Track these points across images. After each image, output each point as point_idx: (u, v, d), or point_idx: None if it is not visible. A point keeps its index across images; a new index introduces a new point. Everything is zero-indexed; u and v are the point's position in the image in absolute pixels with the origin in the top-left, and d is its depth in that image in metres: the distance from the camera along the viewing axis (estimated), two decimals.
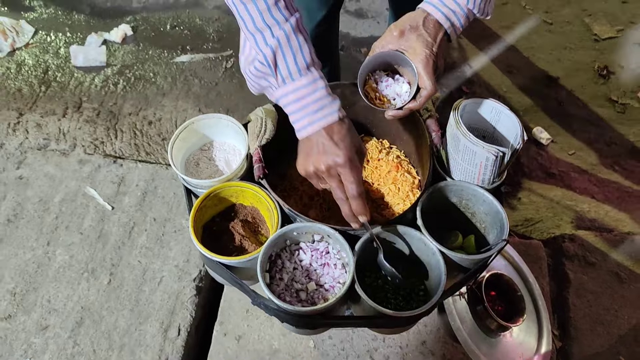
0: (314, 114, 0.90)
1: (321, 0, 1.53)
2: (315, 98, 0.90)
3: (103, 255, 1.62)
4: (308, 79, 0.89)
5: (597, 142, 2.19)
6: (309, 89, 0.90)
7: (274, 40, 0.87)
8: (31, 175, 1.80)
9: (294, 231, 1.07)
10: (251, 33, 0.90)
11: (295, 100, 0.91)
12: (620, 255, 1.65)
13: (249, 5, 0.87)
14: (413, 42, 1.00)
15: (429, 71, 1.00)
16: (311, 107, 0.90)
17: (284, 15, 0.88)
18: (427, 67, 1.00)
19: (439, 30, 1.01)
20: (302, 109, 0.91)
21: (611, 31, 2.66)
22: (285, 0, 0.89)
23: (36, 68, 2.30)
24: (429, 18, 1.00)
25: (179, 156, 1.19)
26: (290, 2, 0.90)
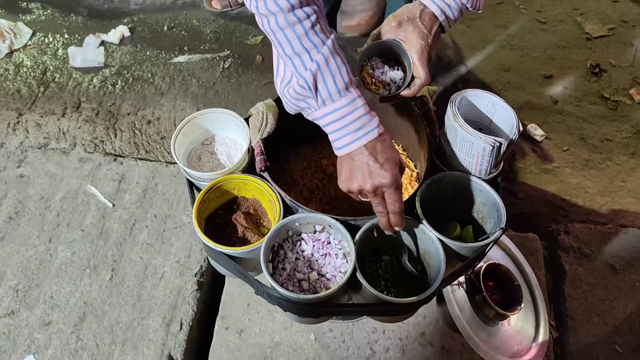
0: (355, 132, 0.92)
1: None
2: (354, 117, 0.92)
3: (105, 251, 1.63)
4: (347, 99, 0.91)
5: (590, 139, 2.22)
6: (348, 109, 0.92)
7: (314, 64, 0.89)
8: (32, 174, 1.81)
9: (296, 222, 1.09)
10: (289, 57, 0.91)
11: (335, 120, 0.93)
12: (614, 247, 1.68)
13: (286, 31, 0.89)
14: (410, 33, 1.04)
15: (423, 61, 1.04)
16: (351, 126, 0.92)
17: (321, 38, 0.90)
18: (422, 57, 1.04)
19: (434, 23, 1.06)
20: (343, 128, 0.93)
21: (603, 30, 2.70)
22: (321, 23, 0.91)
23: (34, 69, 2.31)
24: (425, 11, 1.05)
25: (181, 150, 1.21)
26: (325, 24, 0.92)
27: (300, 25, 0.88)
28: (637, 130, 2.26)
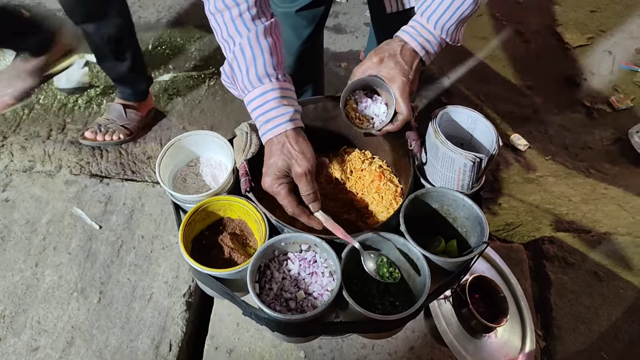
0: (266, 123, 0.97)
1: (307, 17, 1.58)
2: (266, 109, 0.96)
3: (92, 274, 1.63)
4: (260, 90, 0.95)
5: (572, 147, 2.26)
6: (260, 100, 0.96)
7: (231, 54, 0.94)
8: (17, 198, 1.81)
9: (282, 242, 1.10)
10: (220, 43, 0.97)
11: (254, 110, 0.97)
12: (598, 255, 1.71)
13: (216, 17, 0.94)
14: (391, 69, 1.06)
15: (405, 97, 1.06)
16: (264, 117, 0.97)
17: (247, 26, 0.93)
18: (404, 93, 1.06)
19: (415, 58, 1.08)
20: (259, 117, 0.98)
21: (581, 39, 2.76)
22: (253, 11, 0.93)
23: None
24: (405, 47, 1.07)
25: (166, 173, 1.21)
26: (262, 10, 0.95)
27: (229, 12, 0.92)
28: (617, 137, 2.30)
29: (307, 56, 1.69)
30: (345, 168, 1.38)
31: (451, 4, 1.05)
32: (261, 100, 0.96)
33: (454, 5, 1.05)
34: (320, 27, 1.67)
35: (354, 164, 1.38)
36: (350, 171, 1.37)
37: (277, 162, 0.98)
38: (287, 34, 1.62)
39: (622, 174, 2.14)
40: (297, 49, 1.64)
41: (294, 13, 1.54)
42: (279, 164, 0.98)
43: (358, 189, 1.35)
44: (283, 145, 0.97)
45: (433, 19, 1.06)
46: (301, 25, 1.60)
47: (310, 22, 1.60)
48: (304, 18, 1.58)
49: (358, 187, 1.35)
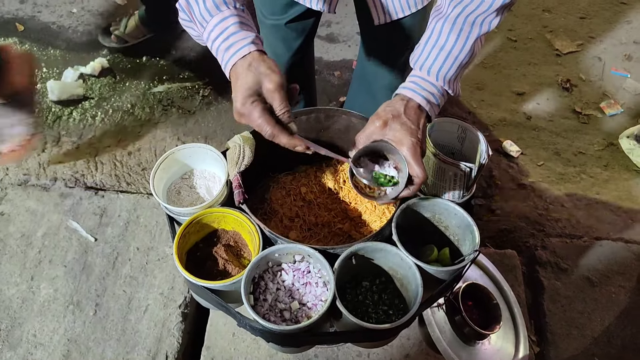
0: (227, 50, 0.92)
1: (297, 29, 1.60)
2: (226, 35, 0.92)
3: (88, 286, 1.63)
4: (218, 18, 0.92)
5: (564, 153, 2.28)
6: (219, 29, 0.92)
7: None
8: (12, 211, 1.81)
9: (276, 253, 1.11)
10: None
11: (213, 41, 0.93)
12: (590, 260, 1.73)
13: None
14: (398, 131, 1.00)
15: (417, 159, 1.00)
16: (223, 45, 0.92)
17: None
18: (415, 155, 0.99)
19: (421, 115, 1.03)
20: (219, 49, 0.93)
21: (572, 46, 2.79)
22: None
23: None
24: (409, 104, 1.02)
25: (160, 185, 1.22)
26: None
27: None
28: (609, 142, 2.32)
29: (297, 68, 1.71)
30: (338, 178, 1.39)
31: (449, 54, 1.02)
32: (221, 28, 0.92)
33: (452, 55, 1.02)
34: (310, 39, 1.69)
35: (347, 173, 1.40)
36: (343, 181, 1.39)
37: (245, 81, 0.91)
38: (277, 46, 1.63)
39: (614, 178, 2.16)
40: (287, 60, 1.66)
41: (283, 25, 1.56)
42: (248, 82, 0.91)
43: (351, 199, 1.36)
44: (250, 64, 0.91)
45: (434, 71, 1.03)
46: (291, 37, 1.62)
47: (300, 34, 1.62)
48: (293, 30, 1.60)
49: (351, 197, 1.36)
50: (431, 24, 1.07)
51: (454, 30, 1.02)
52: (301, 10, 1.51)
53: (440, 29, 1.04)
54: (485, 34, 1.04)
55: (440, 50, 1.03)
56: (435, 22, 1.06)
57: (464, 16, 1.01)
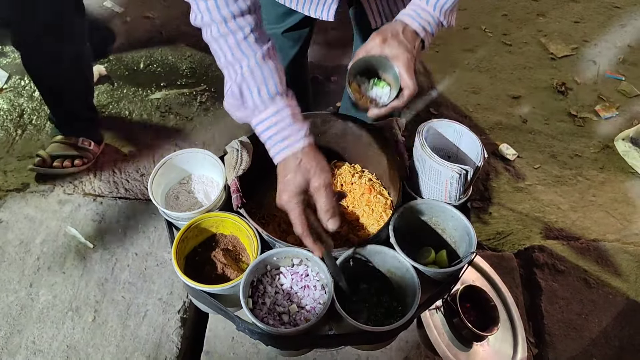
0: (281, 142, 0.97)
1: (293, 38, 1.61)
2: (280, 127, 0.96)
3: (86, 293, 1.64)
4: (273, 109, 0.96)
5: (560, 155, 2.29)
6: (274, 119, 0.96)
7: (239, 76, 0.95)
8: (11, 219, 1.82)
9: (274, 256, 1.11)
10: (224, 67, 0.97)
11: (265, 130, 0.98)
12: (587, 262, 1.73)
13: (221, 41, 0.94)
14: (395, 48, 1.08)
15: (410, 73, 1.08)
16: (278, 136, 0.97)
17: (252, 49, 0.95)
18: (409, 69, 1.08)
19: (416, 39, 1.10)
20: (271, 138, 0.98)
21: (566, 49, 2.81)
22: (256, 34, 0.95)
23: (11, 112, 2.32)
24: (407, 28, 1.10)
25: (158, 191, 1.23)
26: (262, 33, 0.97)
27: (233, 36, 0.93)
28: (604, 145, 2.34)
29: (293, 76, 1.72)
30: (336, 182, 1.40)
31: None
32: (275, 119, 0.96)
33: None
34: (305, 48, 1.70)
35: (344, 177, 1.41)
36: (340, 185, 1.40)
37: (294, 178, 0.97)
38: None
39: (610, 180, 2.17)
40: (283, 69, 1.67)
41: (280, 34, 1.57)
42: (297, 180, 0.97)
43: (349, 202, 1.37)
44: (300, 161, 0.97)
45: (432, 2, 1.09)
46: (287, 45, 1.63)
47: (296, 43, 1.63)
48: (290, 39, 1.61)
49: (348, 200, 1.37)
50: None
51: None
52: (298, 19, 1.52)
53: None
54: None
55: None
56: None
57: None
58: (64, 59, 1.83)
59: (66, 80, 1.91)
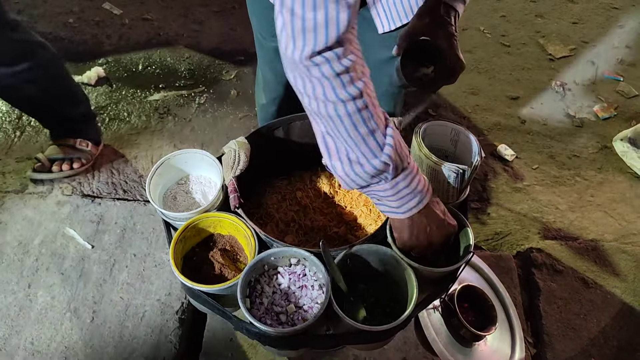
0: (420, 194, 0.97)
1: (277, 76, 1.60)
2: (413, 187, 0.95)
3: (85, 294, 1.64)
4: (407, 172, 0.94)
5: (558, 156, 2.29)
6: (407, 181, 0.95)
7: (387, 143, 0.89)
8: (9, 220, 1.82)
9: (271, 256, 1.11)
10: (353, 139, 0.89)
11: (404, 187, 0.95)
12: (586, 262, 1.73)
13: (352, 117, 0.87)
14: (437, 27, 1.09)
15: (456, 49, 1.08)
16: (418, 189, 0.96)
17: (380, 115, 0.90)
18: (454, 46, 1.08)
19: (453, 13, 1.11)
20: (409, 194, 0.96)
21: (564, 50, 2.81)
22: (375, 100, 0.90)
23: (10, 114, 2.33)
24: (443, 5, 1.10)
25: (156, 191, 1.23)
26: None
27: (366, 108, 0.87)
28: (603, 145, 2.34)
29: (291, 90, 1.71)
30: (334, 182, 1.40)
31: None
32: (409, 180, 0.95)
33: None
34: None
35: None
36: (338, 185, 1.40)
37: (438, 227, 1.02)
38: (279, 64, 1.64)
39: (608, 181, 2.18)
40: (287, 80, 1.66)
41: (276, 48, 1.56)
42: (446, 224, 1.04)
43: (347, 202, 1.37)
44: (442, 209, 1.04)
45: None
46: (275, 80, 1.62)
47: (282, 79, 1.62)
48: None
49: (346, 201, 1.37)
50: None
51: None
52: None
53: None
54: None
55: None
56: None
57: None
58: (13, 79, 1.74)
59: (39, 96, 1.84)
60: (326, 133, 0.92)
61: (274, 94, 1.66)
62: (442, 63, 1.10)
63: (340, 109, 0.85)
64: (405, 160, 0.93)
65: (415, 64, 1.16)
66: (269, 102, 1.70)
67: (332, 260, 1.08)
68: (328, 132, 0.92)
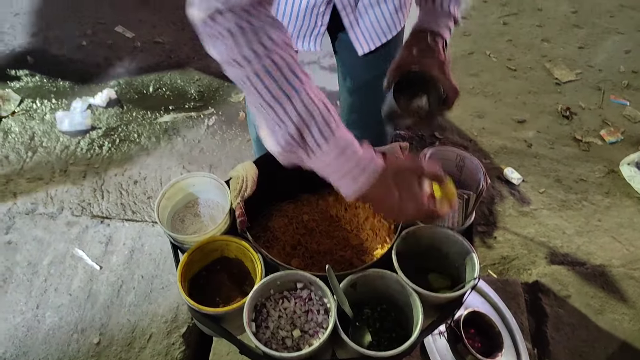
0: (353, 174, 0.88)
1: None
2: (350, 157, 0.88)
3: (92, 315, 1.64)
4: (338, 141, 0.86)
5: (565, 180, 2.29)
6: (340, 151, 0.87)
7: (295, 111, 0.83)
8: (20, 240, 1.84)
9: (277, 280, 1.12)
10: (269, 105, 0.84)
11: (333, 168, 0.88)
12: (593, 288, 1.72)
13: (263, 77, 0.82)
14: (425, 56, 1.09)
15: (448, 75, 1.08)
16: (351, 167, 0.88)
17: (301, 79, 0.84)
18: (446, 72, 1.09)
19: (440, 41, 1.12)
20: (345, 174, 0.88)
21: (570, 75, 2.83)
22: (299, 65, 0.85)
23: (22, 135, 2.37)
24: (430, 34, 1.12)
25: (165, 214, 1.25)
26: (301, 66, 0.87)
27: (278, 69, 0.82)
28: (610, 169, 2.34)
29: None
30: (340, 206, 1.41)
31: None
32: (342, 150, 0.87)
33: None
34: None
35: (349, 201, 1.42)
36: (345, 209, 1.41)
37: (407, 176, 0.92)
38: None
39: (615, 205, 2.17)
40: None
41: None
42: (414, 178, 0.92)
43: (353, 226, 1.38)
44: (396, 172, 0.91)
45: (437, 2, 1.12)
46: None
47: None
48: None
49: (353, 224, 1.38)
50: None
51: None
52: None
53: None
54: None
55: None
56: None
57: None
58: None
59: None
60: (250, 103, 0.89)
61: None
62: (436, 92, 1.11)
63: (248, 69, 0.82)
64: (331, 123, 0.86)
65: (407, 96, 1.16)
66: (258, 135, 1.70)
67: (337, 285, 1.08)
68: (251, 101, 0.88)
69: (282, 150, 0.88)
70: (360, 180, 0.88)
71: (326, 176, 0.90)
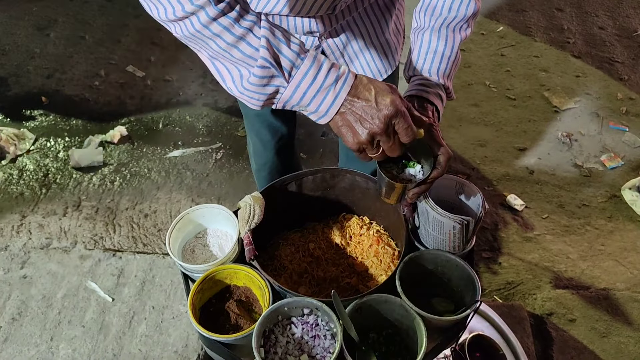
0: (333, 86, 0.87)
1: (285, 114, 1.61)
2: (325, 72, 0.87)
3: (105, 346, 1.68)
4: (309, 59, 0.86)
5: (568, 205, 2.33)
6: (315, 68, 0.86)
7: (262, 39, 0.83)
8: (34, 274, 1.89)
9: (285, 306, 1.16)
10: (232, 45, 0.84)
11: (309, 86, 0.87)
12: (598, 311, 1.74)
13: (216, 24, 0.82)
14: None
15: (438, 139, 1.07)
16: (327, 82, 0.87)
17: (254, 15, 0.85)
18: (434, 136, 1.07)
19: (430, 108, 1.14)
20: (319, 90, 0.87)
21: (569, 102, 2.89)
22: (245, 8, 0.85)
23: (37, 172, 2.44)
24: (418, 101, 1.15)
25: (175, 245, 1.29)
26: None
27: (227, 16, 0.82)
28: (612, 194, 2.37)
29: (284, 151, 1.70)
30: (345, 233, 1.45)
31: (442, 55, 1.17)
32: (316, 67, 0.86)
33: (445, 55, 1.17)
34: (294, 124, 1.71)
35: (353, 229, 1.46)
36: (349, 236, 1.45)
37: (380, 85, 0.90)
38: (264, 131, 1.63)
39: (618, 229, 2.20)
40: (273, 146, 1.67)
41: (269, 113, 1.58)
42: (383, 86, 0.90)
43: (358, 253, 1.41)
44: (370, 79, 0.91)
45: (433, 71, 1.17)
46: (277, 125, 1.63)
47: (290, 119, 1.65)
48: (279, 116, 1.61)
49: (358, 252, 1.41)
50: (417, 37, 1.21)
51: (440, 37, 1.18)
52: None
53: (428, 37, 1.19)
54: (462, 41, 1.20)
55: (433, 53, 1.17)
56: (421, 35, 1.20)
57: (445, 25, 1.17)
58: None
59: None
60: (209, 57, 0.89)
61: (263, 159, 1.70)
62: (427, 156, 1.10)
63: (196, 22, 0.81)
64: (295, 58, 0.85)
65: (399, 166, 1.15)
66: (259, 167, 1.73)
67: (343, 310, 1.11)
68: (210, 55, 0.88)
69: (257, 85, 0.86)
70: (339, 90, 0.87)
71: (305, 99, 0.88)
